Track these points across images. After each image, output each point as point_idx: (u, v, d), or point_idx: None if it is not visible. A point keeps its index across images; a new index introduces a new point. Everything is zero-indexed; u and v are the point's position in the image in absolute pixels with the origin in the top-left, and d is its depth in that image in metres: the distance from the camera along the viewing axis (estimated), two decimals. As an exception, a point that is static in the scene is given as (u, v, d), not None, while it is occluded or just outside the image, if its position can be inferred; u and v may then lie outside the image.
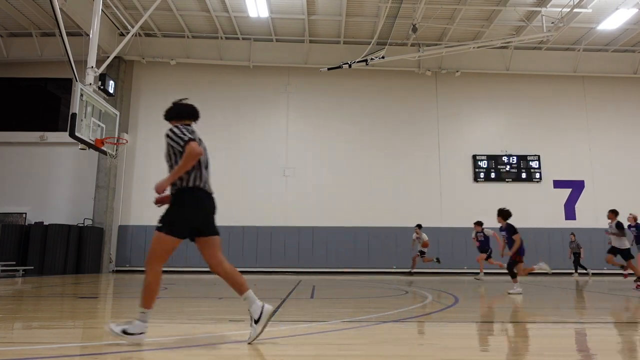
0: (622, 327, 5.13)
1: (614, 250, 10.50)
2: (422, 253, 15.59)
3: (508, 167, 18.05)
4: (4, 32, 17.24)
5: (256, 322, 3.56)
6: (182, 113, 3.83)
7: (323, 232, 17.27)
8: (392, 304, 6.92)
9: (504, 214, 9.29)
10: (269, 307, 3.60)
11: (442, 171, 18.05)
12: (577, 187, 18.12)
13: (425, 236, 15.54)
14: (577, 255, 16.15)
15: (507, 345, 3.93)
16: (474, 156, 18.11)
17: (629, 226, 11.68)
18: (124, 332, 3.47)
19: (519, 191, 17.86)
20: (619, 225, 10.38)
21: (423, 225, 15.86)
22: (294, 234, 17.28)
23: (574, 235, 16.33)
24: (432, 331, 4.65)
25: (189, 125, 3.81)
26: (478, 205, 17.53)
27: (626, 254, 10.29)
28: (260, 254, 17.00)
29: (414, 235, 15.67)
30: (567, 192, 18.06)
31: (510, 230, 9.12)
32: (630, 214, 11.95)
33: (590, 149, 18.43)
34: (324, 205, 17.46)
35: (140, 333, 3.50)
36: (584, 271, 16.18)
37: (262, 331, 3.59)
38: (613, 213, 11.03)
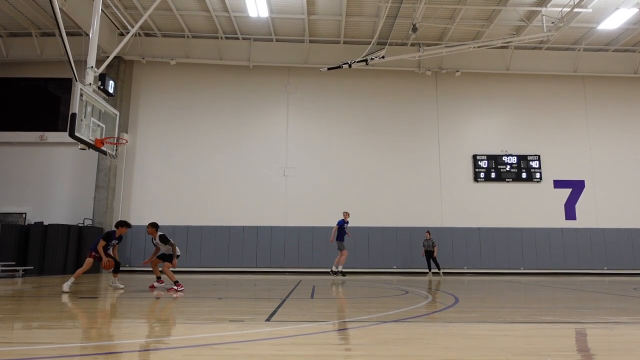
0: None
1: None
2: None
3: (508, 167, 18.04)
4: (4, 32, 17.23)
5: None
6: None
7: (323, 232, 17.23)
8: (392, 304, 6.92)
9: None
10: None
11: (442, 171, 18.03)
12: (577, 187, 18.11)
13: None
14: (430, 254, 15.86)
15: (507, 346, 3.93)
16: (474, 156, 18.10)
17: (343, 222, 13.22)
18: None
19: (519, 191, 17.85)
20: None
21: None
22: (294, 234, 17.27)
23: (429, 233, 16.10)
24: (432, 331, 4.64)
25: None
26: (478, 205, 17.58)
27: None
28: (260, 254, 16.99)
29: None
30: (567, 192, 18.06)
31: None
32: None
33: (590, 149, 18.43)
34: (324, 205, 17.45)
35: None
36: (436, 270, 15.90)
37: None
38: None
